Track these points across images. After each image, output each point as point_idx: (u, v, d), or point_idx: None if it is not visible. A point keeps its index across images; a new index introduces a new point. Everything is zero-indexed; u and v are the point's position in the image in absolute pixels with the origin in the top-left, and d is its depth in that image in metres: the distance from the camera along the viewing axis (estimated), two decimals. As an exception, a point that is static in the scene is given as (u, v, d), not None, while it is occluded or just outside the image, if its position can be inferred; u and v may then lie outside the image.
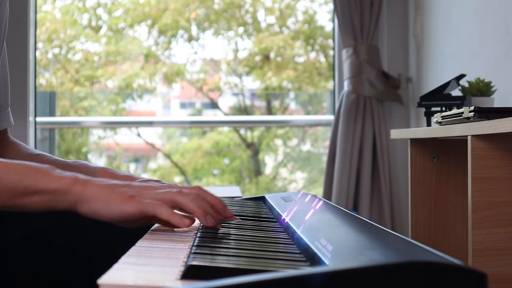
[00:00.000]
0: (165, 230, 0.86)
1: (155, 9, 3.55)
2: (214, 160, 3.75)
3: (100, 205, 0.80)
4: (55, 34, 3.49)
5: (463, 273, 0.48)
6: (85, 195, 0.81)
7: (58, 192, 0.81)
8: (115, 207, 0.80)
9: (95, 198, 0.80)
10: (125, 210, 0.80)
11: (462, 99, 1.70)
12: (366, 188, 2.74)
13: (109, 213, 0.80)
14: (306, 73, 3.59)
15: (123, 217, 0.80)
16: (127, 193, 0.81)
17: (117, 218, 0.80)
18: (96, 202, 0.80)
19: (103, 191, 0.81)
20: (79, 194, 0.81)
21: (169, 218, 0.80)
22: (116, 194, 0.81)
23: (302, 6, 3.64)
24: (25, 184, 0.80)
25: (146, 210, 0.80)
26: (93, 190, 0.81)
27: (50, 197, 0.81)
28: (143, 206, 0.80)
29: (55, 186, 0.81)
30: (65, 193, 0.81)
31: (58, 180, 0.81)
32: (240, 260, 0.63)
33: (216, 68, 3.70)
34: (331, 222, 0.79)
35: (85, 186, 0.81)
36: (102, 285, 0.52)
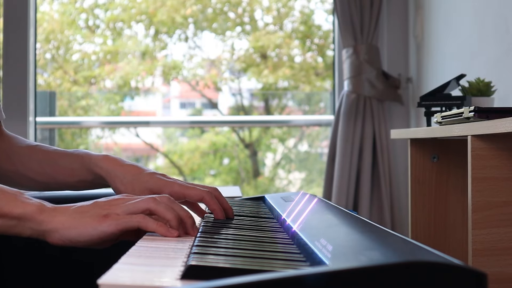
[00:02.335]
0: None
1: (152, 7, 3.55)
2: (211, 160, 3.75)
3: (74, 232, 0.77)
4: (52, 34, 3.49)
5: (463, 273, 0.48)
6: (53, 224, 0.78)
7: (22, 219, 0.78)
8: (91, 230, 0.77)
9: (66, 226, 0.77)
10: (103, 231, 0.77)
11: (462, 99, 1.70)
12: (366, 188, 2.74)
13: (85, 238, 0.77)
14: (303, 72, 3.58)
15: (102, 238, 0.77)
16: (99, 214, 0.78)
17: (95, 240, 0.77)
18: (67, 230, 0.77)
19: (74, 218, 0.78)
20: (46, 223, 0.78)
21: (157, 229, 0.77)
22: (88, 218, 0.78)
23: (299, 5, 3.64)
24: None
25: (126, 225, 0.77)
26: (63, 218, 0.78)
27: (14, 223, 0.79)
28: (122, 222, 0.77)
29: (20, 212, 0.78)
30: (29, 220, 0.78)
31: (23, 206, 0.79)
32: (240, 260, 0.63)
33: (213, 66, 3.70)
34: (331, 222, 0.79)
35: (52, 215, 0.78)
36: (102, 285, 0.52)
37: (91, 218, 0.77)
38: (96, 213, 0.78)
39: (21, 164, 1.10)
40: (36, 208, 0.79)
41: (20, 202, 0.79)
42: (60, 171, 1.08)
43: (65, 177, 1.07)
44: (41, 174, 1.09)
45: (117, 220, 0.77)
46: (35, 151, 1.11)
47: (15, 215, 0.78)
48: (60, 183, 1.09)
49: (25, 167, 1.10)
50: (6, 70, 2.82)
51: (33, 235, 0.79)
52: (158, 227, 0.77)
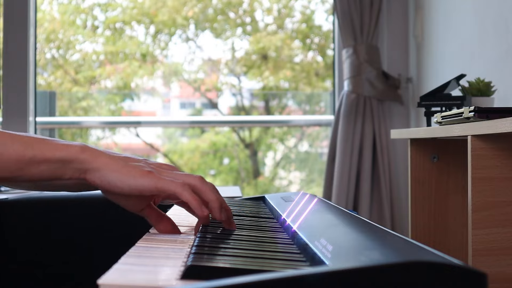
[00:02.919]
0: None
1: (153, 8, 3.55)
2: (211, 160, 3.75)
3: (114, 176, 0.77)
4: (53, 34, 3.49)
5: (463, 273, 0.48)
6: (96, 164, 0.78)
7: (66, 161, 0.78)
8: (131, 179, 0.76)
9: (107, 168, 0.77)
10: (143, 184, 0.76)
11: (462, 99, 1.70)
12: (366, 188, 2.74)
13: (123, 184, 0.76)
14: (304, 73, 3.59)
15: (139, 190, 0.76)
16: (144, 168, 0.78)
17: (133, 190, 0.77)
18: (109, 172, 0.77)
19: (117, 163, 0.78)
20: (89, 162, 0.78)
21: (190, 200, 0.76)
22: (132, 167, 0.77)
23: (299, 5, 3.64)
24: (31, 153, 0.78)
25: (165, 187, 0.76)
26: (105, 160, 0.78)
27: (58, 166, 0.78)
28: (163, 182, 0.76)
29: (63, 154, 0.78)
30: (72, 161, 0.78)
31: (65, 148, 0.79)
32: (240, 260, 0.63)
33: (214, 68, 3.70)
34: (331, 222, 0.79)
35: (96, 155, 0.78)
36: (102, 285, 0.52)
37: (134, 169, 0.77)
38: (140, 166, 0.78)
39: None
40: (79, 148, 0.79)
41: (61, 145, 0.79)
42: None
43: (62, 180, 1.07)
44: None
45: (158, 179, 0.76)
46: None
47: (58, 158, 0.78)
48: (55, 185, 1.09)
49: None
50: (6, 70, 2.82)
51: (74, 175, 0.79)
52: (193, 199, 0.76)
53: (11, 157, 0.78)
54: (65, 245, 1.13)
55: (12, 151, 0.78)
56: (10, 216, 1.15)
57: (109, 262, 0.60)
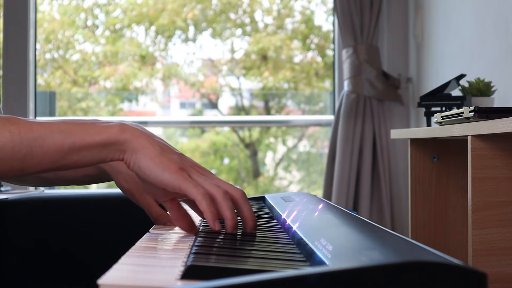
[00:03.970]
0: (165, 230, 0.86)
1: (153, 9, 3.55)
2: (212, 160, 3.75)
3: (147, 162, 0.76)
4: (53, 34, 3.49)
5: (463, 273, 0.48)
6: (135, 145, 0.76)
7: (106, 144, 0.77)
8: (161, 172, 0.75)
9: (144, 152, 0.76)
10: (169, 180, 0.75)
11: (462, 99, 1.70)
12: (366, 188, 2.74)
13: (151, 174, 0.75)
14: (303, 73, 3.59)
15: (164, 184, 0.75)
16: (178, 164, 0.76)
17: (158, 183, 0.76)
18: (143, 157, 0.76)
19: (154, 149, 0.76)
20: (129, 142, 0.77)
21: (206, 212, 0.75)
22: (166, 159, 0.76)
23: (299, 6, 3.64)
24: (71, 141, 0.76)
25: (188, 190, 0.75)
26: (144, 143, 0.76)
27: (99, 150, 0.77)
28: (187, 184, 0.75)
29: (103, 138, 0.77)
30: (114, 144, 0.77)
31: (104, 130, 0.77)
32: (240, 260, 0.63)
33: (214, 69, 3.70)
34: (331, 222, 0.79)
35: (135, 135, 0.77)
36: (102, 285, 0.52)
37: (167, 161, 0.76)
38: (175, 160, 0.77)
39: None
40: (118, 129, 0.77)
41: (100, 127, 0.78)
42: None
43: (70, 172, 1.07)
44: None
45: (185, 180, 0.75)
46: None
47: (99, 143, 0.77)
48: (63, 177, 1.08)
49: None
50: (6, 70, 2.82)
51: (115, 157, 0.78)
52: (209, 212, 0.75)
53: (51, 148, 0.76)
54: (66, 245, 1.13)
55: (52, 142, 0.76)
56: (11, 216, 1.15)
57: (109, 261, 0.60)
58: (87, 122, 0.79)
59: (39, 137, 0.76)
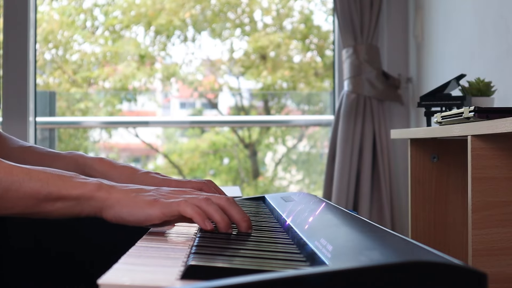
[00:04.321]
0: (165, 230, 0.86)
1: (151, 10, 3.54)
2: (211, 160, 3.75)
3: (125, 210, 0.79)
4: (51, 35, 3.49)
5: (463, 273, 0.48)
6: (110, 201, 0.80)
7: (82, 198, 0.80)
8: (140, 211, 0.79)
9: (120, 203, 0.80)
10: (150, 213, 0.79)
11: (462, 99, 1.70)
12: (366, 188, 2.74)
13: (134, 218, 0.79)
14: (302, 72, 3.58)
15: (148, 220, 0.79)
16: (152, 197, 0.80)
17: (142, 222, 0.80)
18: (121, 207, 0.79)
19: (128, 196, 0.80)
20: (104, 200, 0.80)
21: (193, 215, 0.78)
22: (140, 199, 0.80)
23: (298, 6, 3.64)
24: (47, 190, 0.79)
25: (169, 210, 0.79)
26: (118, 195, 0.80)
27: (74, 204, 0.80)
28: (166, 207, 0.79)
29: (79, 192, 0.80)
30: (89, 199, 0.80)
31: (82, 186, 0.80)
32: (240, 260, 0.63)
33: (213, 69, 3.70)
34: (331, 222, 0.79)
35: (109, 192, 0.81)
36: (102, 285, 0.52)
37: (142, 200, 0.80)
38: (149, 195, 0.81)
39: None
40: (94, 186, 0.81)
41: (78, 183, 0.81)
42: None
43: None
44: None
45: (162, 206, 0.79)
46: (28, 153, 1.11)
47: (74, 196, 0.80)
48: None
49: None
50: (6, 70, 2.82)
51: (91, 213, 0.81)
52: (196, 214, 0.78)
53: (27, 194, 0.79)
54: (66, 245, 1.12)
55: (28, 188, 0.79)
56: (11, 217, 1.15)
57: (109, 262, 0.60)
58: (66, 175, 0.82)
59: (17, 181, 0.79)
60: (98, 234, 1.05)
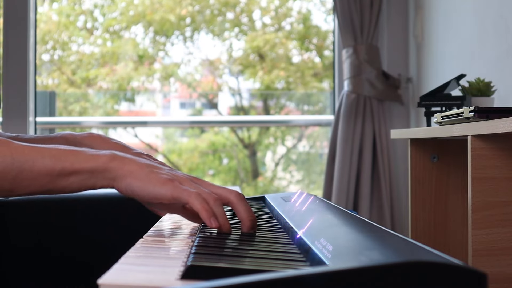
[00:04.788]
0: (165, 230, 0.86)
1: (150, 9, 3.54)
2: (210, 160, 3.75)
3: (138, 184, 0.79)
4: (49, 35, 3.49)
5: (463, 273, 0.48)
6: (124, 171, 0.79)
7: (96, 171, 0.79)
8: (152, 187, 0.78)
9: (133, 175, 0.79)
10: (161, 192, 0.78)
11: (462, 99, 1.70)
12: (366, 188, 2.74)
13: (144, 193, 0.79)
14: (299, 72, 3.58)
15: (157, 198, 0.78)
16: (166, 176, 0.79)
17: (152, 198, 0.79)
18: (134, 180, 0.79)
19: (142, 170, 0.79)
20: (117, 170, 0.79)
21: (200, 210, 0.77)
22: (154, 175, 0.79)
23: (297, 5, 3.63)
24: (61, 166, 0.79)
25: (180, 196, 0.78)
26: (132, 167, 0.79)
27: (88, 176, 0.80)
28: (178, 191, 0.78)
29: (92, 165, 0.79)
30: (103, 171, 0.80)
31: (95, 159, 0.80)
32: (240, 260, 0.63)
33: (211, 69, 3.70)
34: (331, 222, 0.79)
35: (123, 163, 0.80)
36: (101, 285, 0.52)
37: (156, 177, 0.79)
38: (163, 173, 0.80)
39: None
40: (107, 158, 0.80)
41: (90, 155, 0.80)
42: None
43: None
44: None
45: (175, 188, 0.78)
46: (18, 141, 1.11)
47: (88, 169, 0.79)
48: None
49: None
50: (6, 70, 2.82)
51: (104, 185, 0.81)
52: (203, 210, 0.77)
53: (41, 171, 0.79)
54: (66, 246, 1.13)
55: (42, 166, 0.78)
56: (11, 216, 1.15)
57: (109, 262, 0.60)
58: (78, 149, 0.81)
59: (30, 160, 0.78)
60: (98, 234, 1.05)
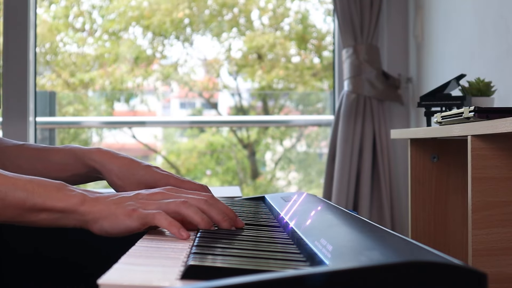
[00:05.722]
0: (165, 230, 0.86)
1: (148, 10, 3.54)
2: (209, 160, 3.75)
3: (108, 224, 0.80)
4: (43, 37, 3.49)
5: (463, 273, 0.48)
6: (94, 214, 0.80)
7: (66, 211, 0.80)
8: (121, 223, 0.80)
9: (103, 216, 0.80)
10: (129, 225, 0.80)
11: (462, 99, 1.70)
12: (366, 188, 2.73)
13: (116, 230, 0.80)
14: (298, 71, 3.58)
15: (129, 231, 0.80)
16: (130, 207, 0.81)
17: (125, 233, 0.81)
18: (104, 221, 0.80)
19: (109, 208, 0.81)
20: (88, 213, 0.80)
21: (168, 227, 0.79)
22: (120, 210, 0.80)
23: (296, 6, 3.63)
24: (32, 202, 0.80)
25: (146, 222, 0.80)
26: (100, 208, 0.81)
27: (59, 216, 0.81)
28: (143, 218, 0.80)
29: (63, 205, 0.80)
30: (73, 213, 0.81)
31: (66, 199, 0.81)
32: (240, 260, 0.63)
33: (209, 68, 3.70)
34: (331, 222, 0.79)
35: (92, 206, 0.81)
36: (102, 285, 0.52)
37: (122, 211, 0.80)
38: (127, 205, 0.81)
39: (10, 163, 1.09)
40: (78, 199, 0.81)
41: (63, 195, 0.81)
42: (52, 167, 1.08)
43: (58, 172, 1.08)
44: (31, 172, 1.08)
45: (140, 215, 0.80)
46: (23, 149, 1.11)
47: (58, 209, 0.80)
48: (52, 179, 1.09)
49: (14, 165, 1.09)
50: (6, 70, 2.82)
51: (76, 225, 0.82)
52: (170, 226, 0.79)
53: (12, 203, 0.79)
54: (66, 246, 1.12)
55: (13, 198, 0.79)
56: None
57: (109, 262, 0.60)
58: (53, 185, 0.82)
59: (3, 190, 0.79)
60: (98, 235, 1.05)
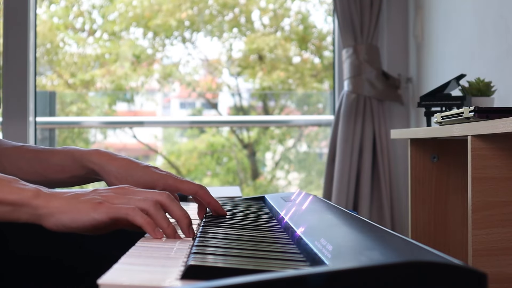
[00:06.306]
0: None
1: (148, 10, 3.54)
2: (209, 161, 3.75)
3: (68, 217, 0.77)
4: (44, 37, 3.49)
5: (463, 273, 0.48)
6: (49, 209, 0.77)
7: (17, 205, 0.78)
8: (85, 216, 0.76)
9: (60, 211, 0.77)
10: (95, 218, 0.76)
11: (462, 99, 1.70)
12: (366, 188, 2.74)
13: (77, 224, 0.77)
14: (298, 73, 3.58)
15: (94, 225, 0.77)
16: (95, 200, 0.78)
17: (88, 227, 0.77)
18: (62, 215, 0.77)
19: (69, 203, 0.78)
20: (42, 207, 0.78)
21: (143, 224, 0.76)
22: (83, 204, 0.77)
23: (296, 6, 3.63)
24: None
25: (116, 215, 0.76)
26: (58, 202, 0.78)
27: (10, 209, 0.78)
28: (114, 211, 0.76)
29: (15, 198, 0.78)
30: (25, 206, 0.78)
31: (18, 192, 0.78)
32: (240, 260, 0.63)
33: (210, 68, 3.70)
34: (331, 222, 0.79)
35: (48, 200, 0.78)
36: (102, 285, 0.52)
37: (85, 204, 0.77)
38: (91, 198, 0.78)
39: (9, 164, 1.09)
40: (32, 193, 0.79)
41: (15, 188, 0.79)
42: (51, 168, 1.08)
43: (57, 174, 1.07)
44: (31, 173, 1.08)
45: (109, 209, 0.76)
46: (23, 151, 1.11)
47: (10, 201, 0.78)
48: (51, 180, 1.08)
49: (14, 167, 1.09)
50: (6, 70, 2.82)
51: (29, 220, 0.79)
52: (146, 224, 0.76)
53: None
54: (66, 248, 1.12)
55: None
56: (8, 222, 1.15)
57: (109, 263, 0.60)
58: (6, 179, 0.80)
59: None
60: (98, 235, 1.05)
